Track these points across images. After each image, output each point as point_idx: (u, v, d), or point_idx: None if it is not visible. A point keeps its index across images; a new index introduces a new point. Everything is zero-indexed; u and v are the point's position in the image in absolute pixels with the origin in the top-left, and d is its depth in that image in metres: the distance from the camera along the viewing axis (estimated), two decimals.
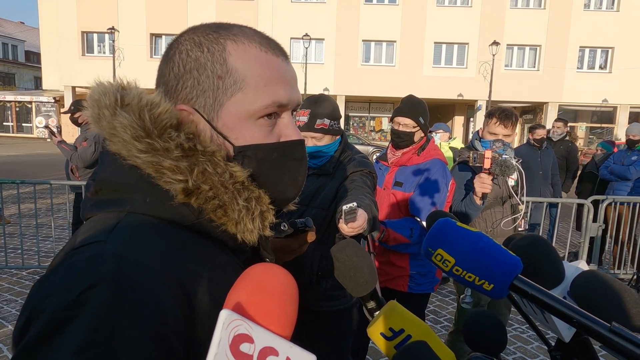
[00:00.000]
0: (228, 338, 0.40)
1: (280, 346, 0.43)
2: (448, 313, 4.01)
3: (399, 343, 0.59)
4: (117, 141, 0.59)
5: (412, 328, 0.59)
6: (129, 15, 23.10)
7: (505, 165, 2.18)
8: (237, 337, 0.41)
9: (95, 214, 0.61)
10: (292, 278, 0.47)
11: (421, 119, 2.30)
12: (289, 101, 0.66)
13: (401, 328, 0.59)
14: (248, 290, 0.45)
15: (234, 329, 0.41)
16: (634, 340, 0.45)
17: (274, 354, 0.42)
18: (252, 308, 0.44)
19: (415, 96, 2.41)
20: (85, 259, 0.51)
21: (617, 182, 5.19)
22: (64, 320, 0.46)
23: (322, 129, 1.87)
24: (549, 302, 0.51)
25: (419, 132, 2.32)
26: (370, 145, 19.68)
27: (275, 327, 0.44)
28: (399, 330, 0.59)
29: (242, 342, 0.41)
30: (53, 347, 0.45)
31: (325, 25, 23.08)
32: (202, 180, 0.59)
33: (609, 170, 5.20)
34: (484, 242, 0.56)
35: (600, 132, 24.40)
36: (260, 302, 0.44)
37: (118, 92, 0.60)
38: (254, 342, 0.41)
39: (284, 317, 0.45)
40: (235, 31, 0.64)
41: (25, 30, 43.38)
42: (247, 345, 0.41)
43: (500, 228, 2.50)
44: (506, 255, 0.55)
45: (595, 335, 0.48)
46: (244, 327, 0.42)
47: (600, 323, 0.48)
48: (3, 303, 3.87)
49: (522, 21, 22.80)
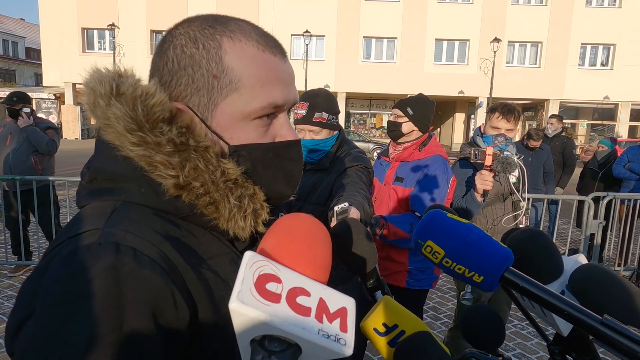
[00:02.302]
0: (252, 277, 0.39)
1: (312, 287, 0.42)
2: (448, 309, 4.01)
3: (393, 339, 0.58)
4: (111, 132, 0.58)
5: (406, 323, 0.59)
6: (129, 11, 23.08)
7: (507, 162, 2.17)
8: (262, 277, 0.40)
9: (90, 202, 0.61)
10: (321, 224, 0.47)
11: (409, 110, 2.29)
12: (285, 101, 0.65)
13: (395, 323, 0.59)
14: (276, 236, 0.45)
15: (259, 269, 0.40)
16: (626, 333, 0.45)
17: (305, 294, 0.41)
18: (280, 252, 0.43)
19: (421, 94, 2.40)
20: (84, 247, 0.51)
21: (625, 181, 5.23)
22: (70, 312, 0.47)
23: (320, 122, 1.86)
24: (540, 295, 0.50)
25: (408, 123, 2.30)
26: (371, 142, 19.68)
27: (306, 269, 0.43)
28: (392, 325, 0.59)
29: (268, 281, 0.40)
30: (63, 340, 0.45)
31: (326, 21, 23.02)
32: (194, 176, 0.59)
33: (626, 167, 5.20)
34: (474, 233, 0.55)
35: (602, 129, 24.36)
36: (289, 246, 0.43)
37: (114, 81, 0.59)
38: (282, 282, 0.40)
39: (314, 260, 0.44)
40: (232, 27, 0.63)
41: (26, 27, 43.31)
42: (275, 285, 0.40)
43: (502, 225, 2.49)
44: (497, 246, 0.54)
45: (587, 327, 0.47)
46: (270, 268, 0.41)
47: (591, 315, 0.47)
48: (3, 299, 3.88)
49: (524, 18, 22.73)
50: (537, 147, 5.09)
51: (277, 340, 0.38)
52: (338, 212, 1.30)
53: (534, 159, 5.08)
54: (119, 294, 0.48)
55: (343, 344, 0.39)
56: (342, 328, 0.40)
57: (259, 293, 0.38)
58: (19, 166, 4.34)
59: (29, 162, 4.40)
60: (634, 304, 0.52)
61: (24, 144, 4.35)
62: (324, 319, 0.40)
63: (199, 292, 0.55)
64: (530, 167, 5.04)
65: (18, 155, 4.34)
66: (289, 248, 0.43)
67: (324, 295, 0.42)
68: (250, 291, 0.38)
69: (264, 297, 0.38)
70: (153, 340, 0.49)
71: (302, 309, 0.39)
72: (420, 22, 23.06)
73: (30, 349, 0.47)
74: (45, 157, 4.54)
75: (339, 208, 1.31)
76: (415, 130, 2.33)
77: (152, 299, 0.50)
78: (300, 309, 0.39)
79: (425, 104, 2.34)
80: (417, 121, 2.31)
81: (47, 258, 0.53)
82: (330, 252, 0.46)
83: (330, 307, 0.42)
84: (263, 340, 0.38)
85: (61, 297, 0.48)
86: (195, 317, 0.54)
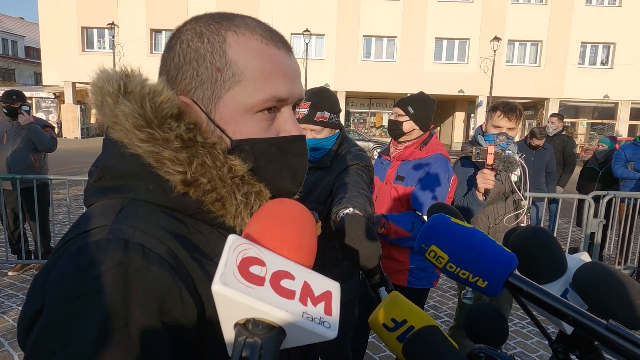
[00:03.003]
0: (236, 260, 0.39)
1: (297, 271, 0.42)
2: (448, 308, 4.02)
3: (401, 334, 0.58)
4: (119, 129, 0.59)
5: (414, 319, 0.59)
6: (129, 10, 23.04)
7: (509, 161, 2.17)
8: (246, 260, 0.40)
9: (99, 200, 0.61)
10: (307, 210, 0.47)
11: (410, 109, 2.29)
12: (289, 95, 0.64)
13: (404, 319, 0.59)
14: (261, 220, 0.45)
15: (242, 252, 0.40)
16: (631, 339, 0.45)
17: (290, 278, 0.41)
18: (265, 236, 0.43)
19: (422, 92, 2.40)
20: (93, 243, 0.51)
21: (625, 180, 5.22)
22: (79, 307, 0.47)
23: (322, 121, 1.86)
24: (545, 300, 0.50)
25: (409, 122, 2.30)
26: (371, 141, 19.67)
27: (291, 253, 0.43)
28: (401, 321, 0.59)
29: (252, 264, 0.40)
30: (72, 335, 0.46)
31: (326, 20, 23.00)
32: (201, 172, 0.59)
33: (630, 167, 5.17)
34: (478, 238, 0.55)
35: (602, 128, 24.35)
36: (273, 230, 0.43)
37: (121, 80, 0.60)
38: (266, 266, 0.40)
39: (299, 244, 0.44)
40: (237, 22, 0.63)
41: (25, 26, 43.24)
42: (258, 268, 0.40)
43: (503, 224, 2.49)
44: (501, 251, 0.54)
45: (592, 333, 0.47)
46: (254, 251, 0.41)
47: (596, 321, 0.47)
48: (4, 298, 3.88)
49: (524, 17, 22.71)
50: (540, 145, 5.07)
51: (260, 323, 0.38)
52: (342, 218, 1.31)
53: (537, 158, 5.07)
54: (127, 290, 0.48)
55: (327, 326, 0.39)
56: (326, 311, 0.40)
57: (242, 276, 0.38)
58: (18, 165, 4.32)
59: (28, 161, 4.38)
60: (637, 302, 0.52)
61: (22, 142, 4.33)
62: (308, 302, 0.40)
63: (206, 290, 0.55)
64: (532, 167, 5.03)
65: (17, 153, 4.32)
66: (274, 232, 0.43)
67: (308, 278, 0.42)
68: (233, 274, 0.38)
69: (247, 279, 0.38)
70: (160, 336, 0.49)
71: (286, 291, 0.39)
72: (420, 21, 23.03)
73: (39, 344, 0.47)
74: (42, 155, 4.52)
75: (343, 214, 1.32)
76: (416, 129, 2.32)
77: (159, 295, 0.50)
78: (284, 292, 0.39)
79: (426, 102, 2.34)
80: (418, 120, 2.30)
81: (56, 255, 0.54)
82: (316, 238, 0.46)
83: (315, 290, 0.42)
84: (247, 324, 0.38)
85: (70, 293, 0.48)
86: (202, 315, 0.54)
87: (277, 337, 0.38)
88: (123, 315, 0.47)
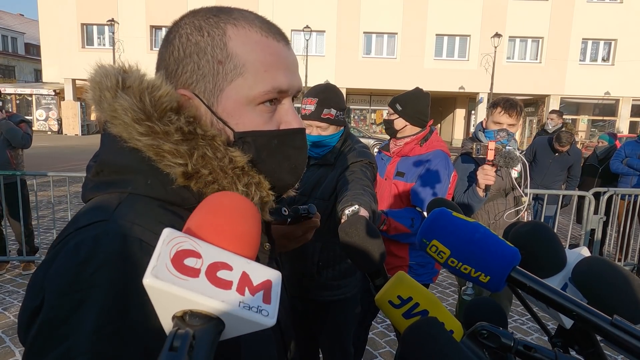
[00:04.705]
0: (169, 253, 0.39)
1: (235, 262, 0.42)
2: (449, 305, 4.02)
3: (407, 311, 0.59)
4: (118, 124, 0.59)
5: (419, 296, 0.59)
6: (129, 7, 22.97)
7: (509, 157, 2.17)
8: (180, 252, 0.39)
9: (97, 194, 0.61)
10: (247, 200, 0.47)
11: (398, 106, 2.30)
12: (289, 87, 0.65)
13: (409, 296, 0.59)
14: (201, 213, 0.44)
15: (177, 245, 0.40)
16: (637, 334, 0.44)
17: (227, 269, 0.41)
18: (204, 228, 0.43)
19: (416, 88, 2.40)
20: (91, 238, 0.52)
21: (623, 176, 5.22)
22: (77, 301, 0.47)
23: (329, 119, 1.86)
24: (548, 295, 0.50)
25: (399, 119, 2.31)
26: (372, 138, 19.65)
27: (230, 245, 0.42)
28: (407, 298, 0.59)
29: (186, 256, 0.39)
30: (70, 329, 0.46)
31: (326, 17, 22.93)
32: (202, 164, 0.59)
33: (625, 163, 5.17)
34: (481, 232, 0.54)
35: (602, 124, 24.30)
36: (213, 221, 0.43)
37: (119, 75, 0.60)
38: (202, 257, 0.40)
39: (239, 235, 0.43)
40: (235, 15, 0.64)
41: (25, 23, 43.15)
42: (193, 260, 0.40)
43: (503, 220, 2.49)
44: (504, 246, 0.53)
45: (596, 328, 0.47)
46: (190, 244, 0.41)
47: (601, 316, 0.46)
48: (5, 294, 3.89)
49: (525, 13, 22.63)
50: (563, 151, 5.00)
51: (197, 314, 0.38)
52: (349, 215, 1.32)
53: (555, 161, 5.04)
54: (125, 284, 0.49)
55: (265, 315, 0.40)
56: (265, 300, 0.41)
57: (175, 268, 0.38)
58: None
59: (5, 157, 4.30)
60: (637, 296, 0.52)
61: None
62: (245, 291, 0.40)
63: None
64: (548, 167, 5.02)
65: None
66: (213, 223, 0.43)
67: (247, 269, 0.42)
68: (166, 266, 0.38)
69: (181, 272, 0.38)
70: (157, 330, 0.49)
71: (222, 282, 0.39)
72: (421, 18, 22.96)
73: (39, 338, 0.47)
74: (18, 151, 4.43)
75: (350, 211, 1.32)
76: (409, 126, 2.32)
77: None
78: (220, 283, 0.39)
79: (416, 98, 2.33)
80: (408, 116, 2.30)
81: (55, 250, 0.54)
82: (259, 229, 0.46)
83: (254, 280, 0.42)
84: (184, 316, 0.38)
85: (68, 287, 0.48)
86: None
87: (215, 327, 0.38)
88: (122, 309, 0.48)
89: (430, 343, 0.48)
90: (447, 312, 0.59)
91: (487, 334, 0.55)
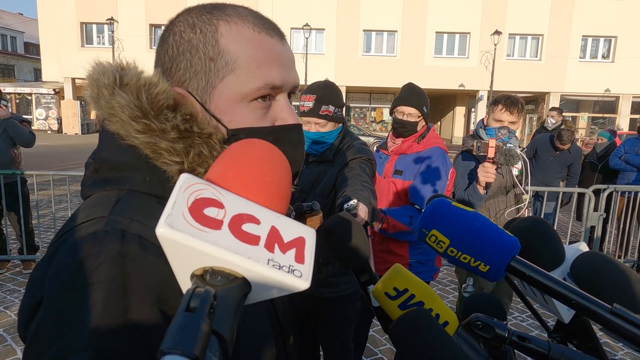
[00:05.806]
0: (187, 201, 0.34)
1: (263, 215, 0.37)
2: (449, 302, 4.03)
3: (403, 302, 0.59)
4: (116, 121, 0.59)
5: (415, 288, 0.59)
6: (128, 5, 22.93)
7: (510, 155, 2.16)
8: (200, 201, 0.35)
9: (95, 192, 0.61)
10: (277, 149, 0.43)
11: (424, 109, 2.31)
12: (284, 83, 0.64)
13: (405, 288, 0.59)
14: (223, 162, 0.40)
15: (195, 192, 0.35)
16: (637, 322, 0.44)
17: (254, 222, 0.36)
18: (227, 178, 0.38)
19: (415, 84, 2.39)
20: (90, 234, 0.52)
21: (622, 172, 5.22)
22: (77, 298, 0.47)
23: (327, 115, 1.87)
24: (548, 284, 0.50)
25: (422, 121, 2.32)
26: (371, 136, 19.62)
27: (258, 197, 0.38)
28: (402, 289, 0.59)
29: (207, 206, 0.35)
30: (70, 326, 0.46)
31: (326, 15, 22.88)
32: (198, 162, 0.59)
33: (622, 159, 5.18)
34: (480, 222, 0.54)
35: (603, 122, 24.27)
36: (237, 171, 0.39)
37: (117, 72, 0.60)
38: (225, 208, 0.35)
39: (267, 186, 0.39)
40: (228, 11, 0.63)
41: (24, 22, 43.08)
42: (215, 210, 0.35)
43: (504, 218, 2.48)
44: (503, 235, 0.53)
45: (596, 317, 0.46)
46: (210, 192, 0.36)
47: (600, 305, 0.46)
48: (6, 293, 3.89)
49: (525, 10, 22.58)
50: (564, 149, 5.02)
51: (220, 273, 0.33)
52: (347, 209, 1.32)
53: (556, 159, 5.06)
54: (125, 280, 0.49)
55: (298, 275, 0.34)
56: (297, 259, 0.36)
57: (194, 218, 0.33)
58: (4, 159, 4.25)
59: (9, 156, 4.30)
60: (635, 291, 0.52)
61: (2, 138, 4.22)
62: (275, 248, 0.35)
63: None
64: (549, 165, 5.04)
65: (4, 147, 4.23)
66: (238, 172, 0.38)
67: (276, 223, 0.37)
68: (182, 215, 0.33)
69: (200, 222, 0.33)
70: (158, 326, 0.49)
71: (248, 237, 0.35)
72: (421, 15, 22.91)
73: (39, 335, 0.47)
74: (19, 150, 4.45)
75: (348, 205, 1.32)
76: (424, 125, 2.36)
77: (157, 285, 0.50)
78: (246, 237, 0.34)
79: (425, 96, 2.35)
80: (428, 117, 2.35)
81: (54, 247, 0.54)
82: (289, 180, 0.42)
83: (285, 236, 0.37)
84: (204, 274, 0.33)
85: (68, 284, 0.48)
86: None
87: (239, 288, 0.33)
88: (122, 305, 0.48)
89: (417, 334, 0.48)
90: (443, 304, 0.59)
91: (481, 325, 0.55)
